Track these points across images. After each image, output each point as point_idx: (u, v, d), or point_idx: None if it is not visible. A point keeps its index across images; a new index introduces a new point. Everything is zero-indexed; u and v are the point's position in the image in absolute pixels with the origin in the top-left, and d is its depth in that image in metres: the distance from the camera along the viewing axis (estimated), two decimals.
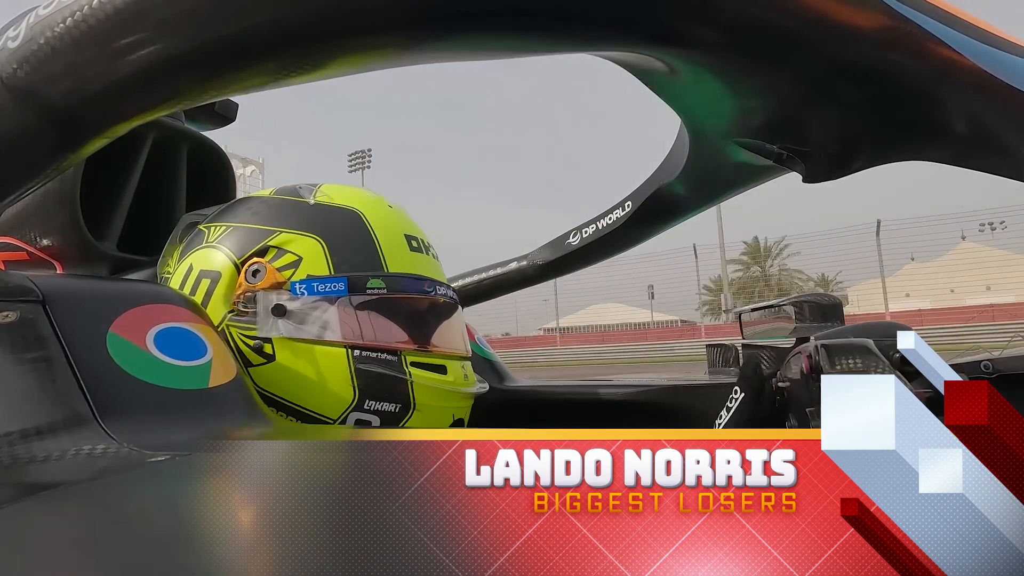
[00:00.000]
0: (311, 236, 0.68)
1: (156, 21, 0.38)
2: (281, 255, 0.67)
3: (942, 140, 0.49)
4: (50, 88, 0.41)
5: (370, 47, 0.40)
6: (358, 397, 0.66)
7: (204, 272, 0.68)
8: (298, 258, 0.67)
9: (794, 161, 0.62)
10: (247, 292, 0.67)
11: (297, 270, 0.67)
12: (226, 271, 0.68)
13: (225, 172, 1.08)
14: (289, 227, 0.69)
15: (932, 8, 0.41)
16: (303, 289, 0.66)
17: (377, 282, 0.67)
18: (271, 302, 0.66)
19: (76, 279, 0.59)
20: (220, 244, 0.69)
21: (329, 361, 0.65)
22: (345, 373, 0.65)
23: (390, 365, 0.67)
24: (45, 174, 0.50)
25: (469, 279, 1.41)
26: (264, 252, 0.68)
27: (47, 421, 0.43)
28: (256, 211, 0.72)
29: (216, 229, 0.71)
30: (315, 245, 0.68)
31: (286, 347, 0.65)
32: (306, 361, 0.65)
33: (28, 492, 0.37)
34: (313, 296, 0.66)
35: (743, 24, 0.42)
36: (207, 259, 0.69)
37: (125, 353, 0.49)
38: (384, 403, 0.67)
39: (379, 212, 0.73)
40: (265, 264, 0.67)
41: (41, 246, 0.84)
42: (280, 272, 0.67)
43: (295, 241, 0.68)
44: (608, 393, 1.10)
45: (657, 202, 1.01)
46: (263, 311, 0.65)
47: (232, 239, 0.69)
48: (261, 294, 0.66)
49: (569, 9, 0.40)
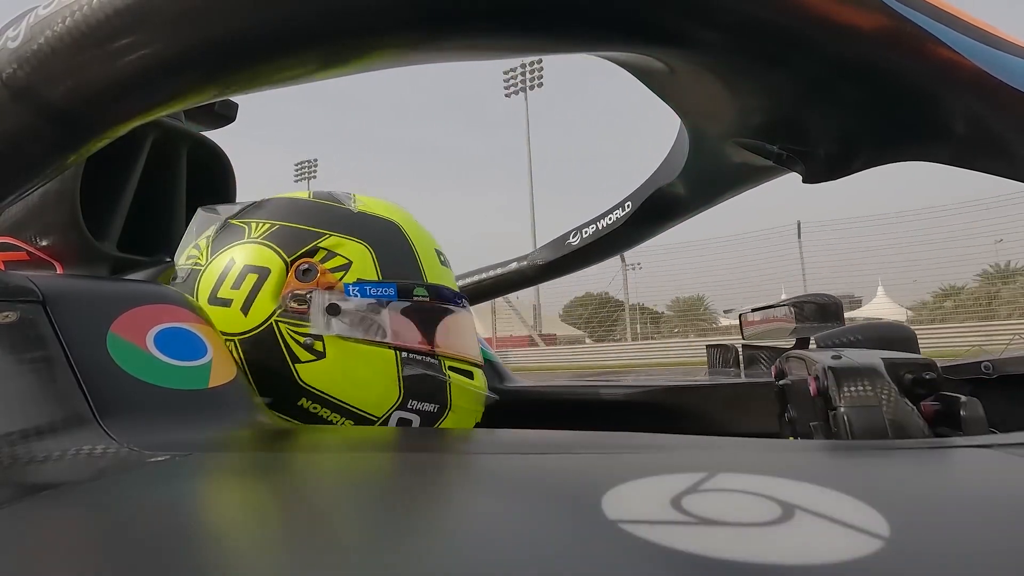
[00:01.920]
0: (360, 242, 0.71)
1: (156, 21, 0.38)
2: (331, 257, 0.70)
3: (942, 140, 0.49)
4: (50, 88, 0.41)
5: (370, 47, 0.40)
6: (403, 396, 0.69)
7: (251, 267, 0.69)
8: (348, 262, 0.70)
9: (794, 161, 0.62)
10: (296, 290, 0.69)
11: (347, 273, 0.70)
12: (276, 267, 0.69)
13: (225, 172, 1.08)
14: (338, 231, 0.72)
15: (932, 8, 0.41)
16: (356, 291, 0.69)
17: (422, 290, 0.72)
18: (326, 301, 0.68)
19: (76, 279, 0.59)
20: (267, 241, 0.71)
21: (379, 361, 0.69)
22: (393, 373, 0.69)
23: (433, 367, 0.71)
24: (45, 174, 0.50)
25: (469, 279, 1.42)
26: (314, 252, 0.70)
27: (47, 421, 0.43)
28: (302, 212, 0.74)
29: (259, 226, 0.73)
30: (364, 251, 0.71)
31: (338, 345, 0.67)
32: (356, 360, 0.68)
33: (28, 492, 0.37)
34: (365, 299, 0.69)
35: (743, 24, 0.42)
36: (254, 254, 0.70)
37: (125, 353, 0.49)
38: (425, 403, 0.71)
39: (414, 226, 0.78)
40: (316, 264, 0.69)
41: (41, 246, 0.84)
42: (330, 273, 0.69)
43: (345, 245, 0.71)
44: (608, 393, 1.10)
45: (657, 202, 1.01)
46: (317, 309, 0.68)
47: (280, 237, 0.71)
48: (316, 292, 0.68)
49: (569, 9, 0.40)
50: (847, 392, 0.57)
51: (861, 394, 0.56)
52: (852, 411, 0.55)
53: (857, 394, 0.56)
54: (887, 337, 0.92)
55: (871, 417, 0.54)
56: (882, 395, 0.56)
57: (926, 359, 0.69)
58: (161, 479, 0.37)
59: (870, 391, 0.56)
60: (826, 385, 0.59)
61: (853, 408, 0.55)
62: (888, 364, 0.63)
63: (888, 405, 0.55)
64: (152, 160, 0.94)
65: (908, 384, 0.64)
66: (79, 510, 0.32)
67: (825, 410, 0.60)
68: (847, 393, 0.57)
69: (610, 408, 1.08)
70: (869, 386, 0.57)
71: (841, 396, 0.56)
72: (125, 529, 0.28)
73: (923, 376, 0.65)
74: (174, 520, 0.29)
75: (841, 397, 0.56)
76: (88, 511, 0.32)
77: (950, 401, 0.61)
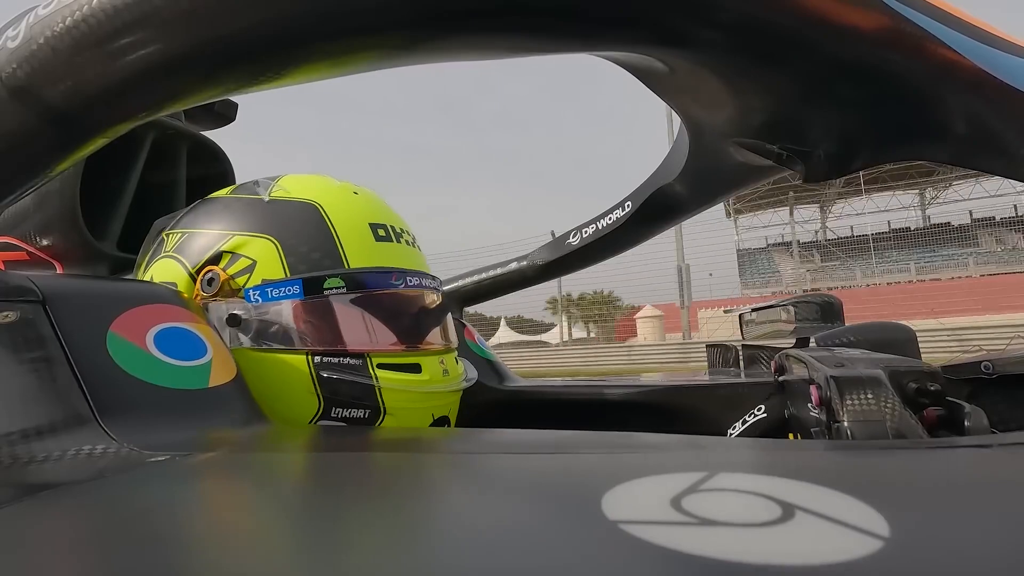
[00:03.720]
0: (264, 237, 0.64)
1: (156, 21, 0.38)
2: (235, 260, 0.64)
3: (942, 140, 0.49)
4: (50, 88, 0.41)
5: (370, 47, 0.40)
6: (323, 405, 0.63)
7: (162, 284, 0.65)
8: (252, 262, 0.63)
9: (794, 161, 0.62)
10: (203, 303, 0.64)
11: (252, 275, 0.63)
12: (182, 282, 0.65)
13: (225, 172, 1.08)
14: (242, 229, 0.65)
15: (932, 8, 0.41)
16: (257, 296, 0.63)
17: (335, 281, 0.63)
18: (224, 312, 0.63)
19: (76, 279, 0.59)
20: (176, 253, 0.67)
21: (290, 370, 0.62)
22: (307, 381, 0.62)
23: (354, 370, 0.63)
24: (45, 174, 0.50)
25: (469, 279, 1.42)
26: (218, 259, 0.64)
27: (47, 421, 0.43)
28: (211, 214, 0.68)
29: (173, 237, 0.69)
30: (268, 246, 0.64)
31: (245, 358, 0.61)
32: (267, 371, 0.62)
33: (28, 492, 0.37)
34: (268, 302, 0.62)
35: (743, 24, 0.42)
36: (165, 270, 0.67)
37: (125, 353, 0.49)
38: (351, 409, 0.63)
39: (340, 201, 0.68)
40: (218, 271, 0.64)
41: (41, 246, 0.84)
42: (234, 279, 0.63)
43: (248, 244, 0.64)
44: (609, 393, 1.10)
45: (657, 202, 1.01)
46: (217, 323, 0.62)
47: (187, 247, 0.67)
48: (213, 304, 0.63)
49: (569, 9, 0.40)
50: (850, 403, 0.56)
51: (864, 407, 0.55)
52: (855, 425, 0.54)
53: (860, 406, 0.55)
54: (887, 338, 0.92)
55: (874, 431, 0.54)
56: (885, 407, 0.55)
57: (930, 367, 0.68)
58: (161, 479, 0.37)
59: (873, 402, 0.55)
60: (829, 395, 0.59)
61: (856, 422, 0.55)
62: (891, 373, 0.62)
63: (892, 418, 0.54)
64: (152, 160, 0.94)
65: (911, 393, 0.63)
66: (79, 510, 0.32)
67: (828, 421, 0.59)
68: (850, 405, 0.55)
69: (610, 408, 1.08)
70: (872, 397, 0.56)
71: (844, 408, 0.55)
72: (125, 529, 0.28)
73: (926, 386, 0.64)
74: (174, 520, 0.29)
75: (844, 409, 0.55)
76: (88, 511, 0.32)
77: (954, 408, 0.61)
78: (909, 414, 0.55)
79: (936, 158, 0.51)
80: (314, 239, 0.65)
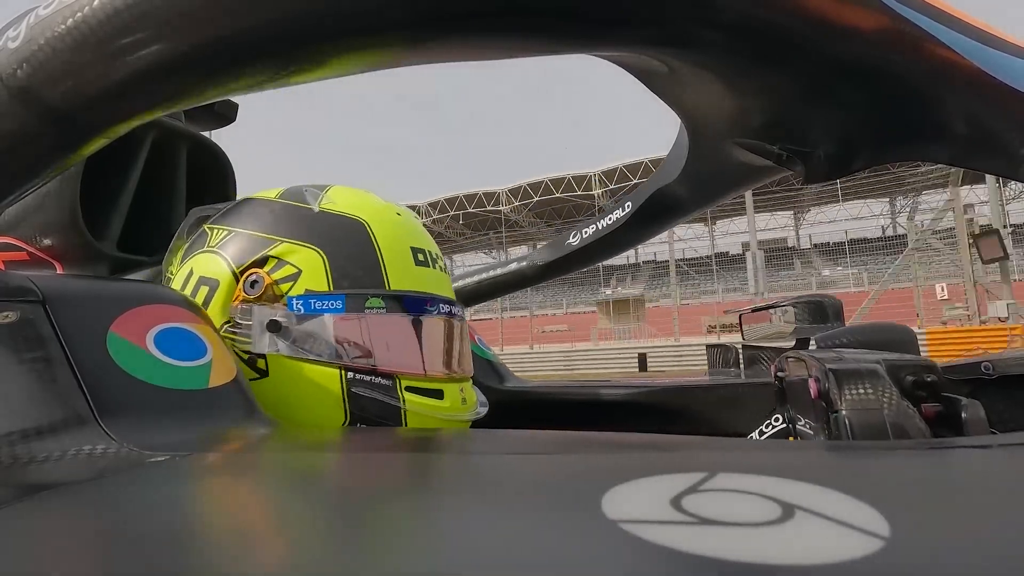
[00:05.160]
0: (312, 247, 0.65)
1: (156, 22, 0.38)
2: (280, 266, 0.65)
3: (941, 140, 0.49)
4: (50, 88, 0.42)
5: (370, 47, 0.40)
6: (349, 420, 0.64)
7: (204, 279, 0.67)
8: (297, 271, 0.65)
9: (794, 161, 0.62)
10: (244, 303, 0.65)
11: (296, 283, 0.64)
12: (224, 280, 0.66)
13: (225, 172, 1.08)
14: (290, 237, 0.66)
15: (932, 8, 0.41)
16: (300, 305, 0.64)
17: (376, 301, 0.65)
18: (266, 317, 0.63)
19: (76, 279, 0.59)
20: (221, 250, 0.67)
21: (322, 381, 0.63)
22: (338, 395, 0.63)
23: (384, 390, 0.64)
24: (45, 174, 0.50)
25: (469, 279, 1.42)
26: (264, 262, 0.65)
27: (47, 421, 0.43)
28: (259, 216, 0.69)
29: (218, 232, 0.69)
30: (315, 257, 0.65)
31: (280, 364, 0.63)
32: (299, 379, 0.63)
33: (28, 492, 0.37)
34: (310, 313, 0.63)
35: (743, 24, 0.42)
36: (207, 265, 0.68)
37: (125, 353, 0.49)
38: (375, 427, 0.65)
39: (386, 222, 0.70)
40: (263, 275, 0.65)
41: (41, 246, 0.84)
42: (278, 285, 0.64)
43: (296, 252, 0.65)
44: (608, 393, 1.10)
45: (657, 202, 1.01)
46: (257, 326, 0.63)
47: (232, 246, 0.67)
48: (256, 308, 0.64)
49: (570, 10, 0.40)
50: (848, 394, 0.57)
51: (862, 396, 0.56)
52: (853, 414, 0.55)
53: (858, 396, 0.56)
54: (887, 339, 0.92)
55: (872, 420, 0.54)
56: (883, 398, 0.56)
57: (927, 361, 0.69)
58: (161, 479, 0.37)
59: (871, 393, 0.56)
60: (827, 387, 0.59)
61: (854, 411, 0.55)
62: (889, 366, 0.63)
63: (889, 408, 0.55)
64: (152, 160, 0.94)
65: (909, 386, 0.64)
66: (79, 510, 0.32)
67: (826, 412, 0.60)
68: (848, 396, 0.57)
69: (610, 408, 1.08)
70: (870, 388, 0.57)
71: (842, 398, 0.57)
72: (125, 529, 0.28)
73: (924, 378, 0.65)
74: (174, 520, 0.29)
75: (842, 400, 0.57)
76: (88, 511, 0.32)
77: (951, 403, 0.62)
78: (907, 404, 0.56)
79: (936, 158, 0.51)
80: (360, 257, 0.66)
